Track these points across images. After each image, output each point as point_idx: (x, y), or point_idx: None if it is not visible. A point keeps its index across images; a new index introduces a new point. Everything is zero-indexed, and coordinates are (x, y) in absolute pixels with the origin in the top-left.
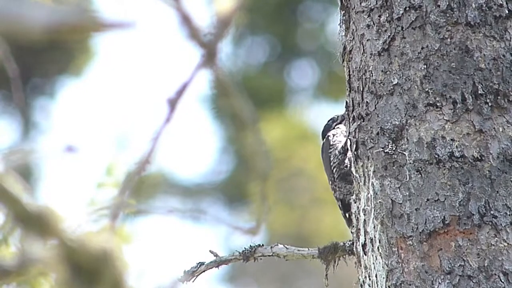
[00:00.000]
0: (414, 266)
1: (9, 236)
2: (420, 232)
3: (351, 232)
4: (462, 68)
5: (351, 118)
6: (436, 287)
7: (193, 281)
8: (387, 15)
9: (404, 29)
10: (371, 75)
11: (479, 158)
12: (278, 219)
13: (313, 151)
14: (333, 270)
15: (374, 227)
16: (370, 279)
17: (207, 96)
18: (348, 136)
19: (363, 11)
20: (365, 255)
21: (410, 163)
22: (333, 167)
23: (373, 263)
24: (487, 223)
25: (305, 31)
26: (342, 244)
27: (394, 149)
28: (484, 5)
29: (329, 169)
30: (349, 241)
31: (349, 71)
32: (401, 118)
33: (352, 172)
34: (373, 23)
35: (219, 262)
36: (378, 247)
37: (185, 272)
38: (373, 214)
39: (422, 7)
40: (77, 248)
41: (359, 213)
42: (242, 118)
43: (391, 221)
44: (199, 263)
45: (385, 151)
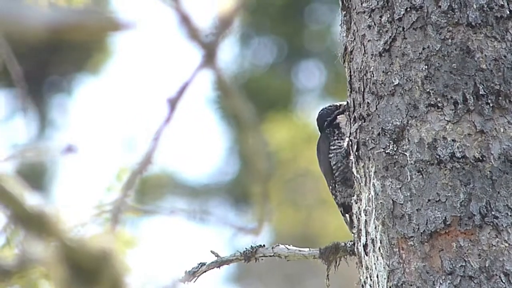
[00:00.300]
0: (415, 266)
1: (13, 238)
2: (421, 233)
3: (352, 232)
4: (463, 69)
5: (352, 119)
6: (437, 287)
7: (194, 281)
8: (388, 15)
9: (405, 29)
10: (372, 75)
11: (480, 158)
12: (284, 219)
13: None
14: (334, 270)
15: (375, 228)
16: (371, 279)
17: (213, 97)
18: (349, 136)
19: (364, 12)
20: (366, 255)
21: (411, 163)
22: (336, 171)
23: (374, 264)
24: (488, 223)
25: (312, 32)
26: (343, 244)
27: (395, 149)
28: (485, 6)
29: (330, 174)
30: (350, 241)
31: (350, 71)
32: (402, 118)
33: (353, 172)
34: (374, 24)
35: (220, 263)
36: (379, 248)
37: (186, 272)
38: (374, 214)
39: (423, 7)
40: (76, 248)
41: (360, 214)
42: (243, 119)
43: (392, 221)
44: (200, 263)
45: (386, 151)
